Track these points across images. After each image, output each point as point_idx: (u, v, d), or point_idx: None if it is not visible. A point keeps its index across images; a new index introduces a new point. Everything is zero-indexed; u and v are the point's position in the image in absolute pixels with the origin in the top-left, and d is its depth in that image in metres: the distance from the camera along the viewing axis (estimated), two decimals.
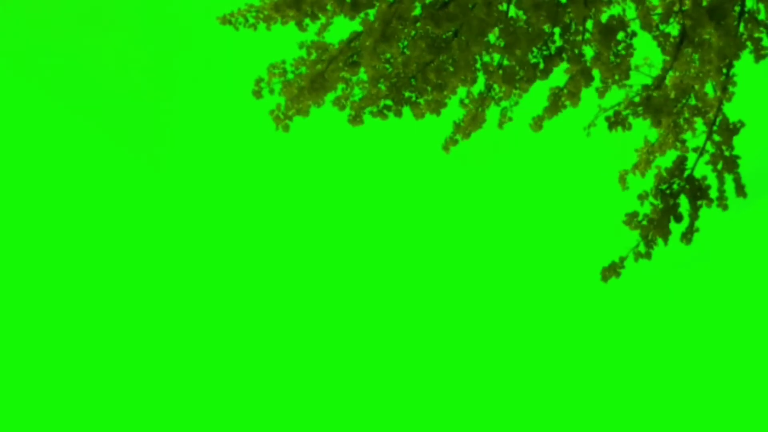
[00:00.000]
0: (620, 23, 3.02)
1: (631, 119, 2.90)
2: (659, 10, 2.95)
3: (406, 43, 2.96)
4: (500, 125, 3.33)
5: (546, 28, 2.96)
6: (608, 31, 2.92)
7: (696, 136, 3.23)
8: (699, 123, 3.16)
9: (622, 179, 3.49)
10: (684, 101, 3.13)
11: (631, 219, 2.49)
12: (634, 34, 3.10)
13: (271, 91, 3.13)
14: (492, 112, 3.31)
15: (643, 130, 3.19)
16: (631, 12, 3.07)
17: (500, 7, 2.85)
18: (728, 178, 2.53)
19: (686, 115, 3.16)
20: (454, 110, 3.19)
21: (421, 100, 2.98)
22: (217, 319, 9.66)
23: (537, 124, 3.40)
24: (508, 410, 8.96)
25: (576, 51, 3.02)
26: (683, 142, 3.26)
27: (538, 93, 3.33)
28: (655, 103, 2.84)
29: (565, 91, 3.24)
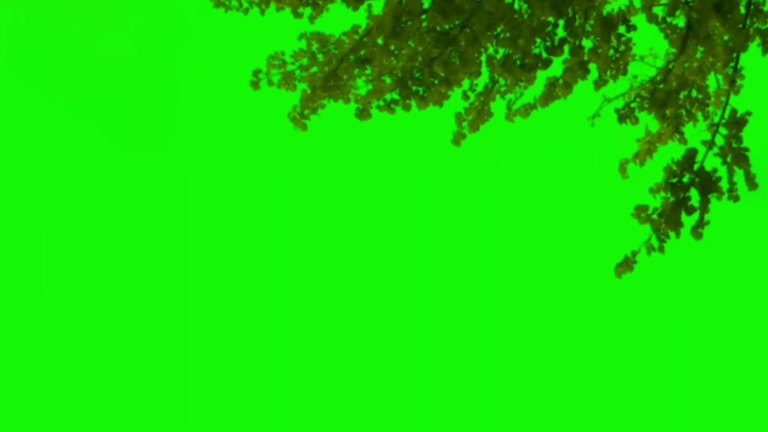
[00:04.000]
0: (621, 17, 3.03)
1: (637, 113, 2.91)
2: (665, 0, 2.97)
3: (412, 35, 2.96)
4: (508, 118, 3.34)
5: (550, 19, 2.97)
6: (609, 24, 2.93)
7: (696, 127, 3.26)
8: (700, 116, 3.18)
9: (623, 168, 3.51)
10: (686, 93, 3.15)
11: (640, 212, 2.50)
12: (634, 27, 3.11)
13: (270, 83, 3.12)
14: (498, 106, 3.32)
15: (649, 120, 3.21)
16: (637, 3, 3.07)
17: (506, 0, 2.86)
18: (738, 170, 2.54)
19: (687, 106, 3.18)
20: (457, 102, 3.20)
21: (427, 93, 2.98)
22: (219, 319, 9.63)
23: (526, 111, 3.43)
24: (512, 408, 8.99)
25: (577, 43, 3.03)
26: (682, 133, 3.28)
27: (539, 84, 3.34)
28: (659, 97, 2.85)
29: (561, 81, 3.25)
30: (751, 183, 2.55)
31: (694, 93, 3.12)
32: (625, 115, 2.89)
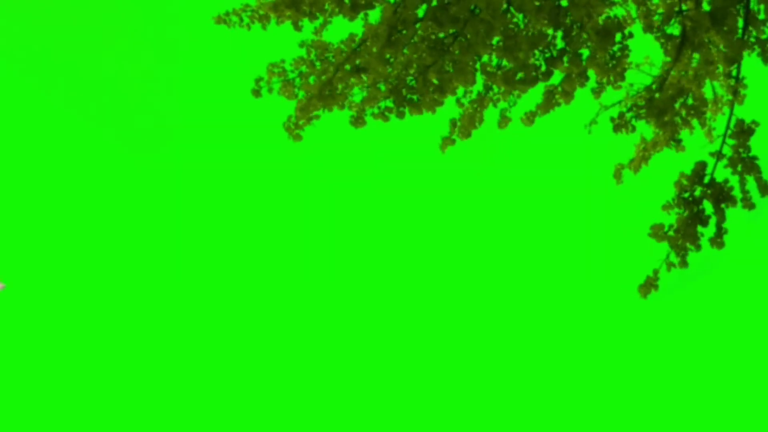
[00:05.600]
0: (617, 25, 3.02)
1: (634, 122, 2.90)
2: (660, 10, 2.97)
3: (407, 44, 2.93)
4: (500, 126, 3.32)
5: (549, 31, 2.95)
6: (605, 33, 2.92)
7: (693, 135, 3.26)
8: (696, 123, 3.19)
9: (618, 173, 3.51)
10: (681, 100, 3.15)
11: (657, 231, 2.49)
12: (630, 35, 3.11)
13: (270, 90, 3.09)
14: (489, 113, 3.30)
15: (646, 128, 3.20)
16: (632, 12, 3.07)
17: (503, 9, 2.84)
18: (749, 178, 2.54)
19: (683, 114, 3.18)
20: (450, 109, 3.18)
21: (421, 100, 2.96)
22: (217, 322, 9.55)
23: (529, 119, 3.41)
24: (507, 412, 8.99)
25: (575, 51, 3.02)
26: (678, 141, 3.28)
27: (535, 91, 3.33)
28: (657, 105, 2.85)
29: (560, 89, 3.24)
30: (764, 189, 2.54)
31: (690, 101, 3.12)
32: (620, 125, 2.89)
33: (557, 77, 3.20)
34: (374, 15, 2.90)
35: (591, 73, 3.13)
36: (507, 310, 9.37)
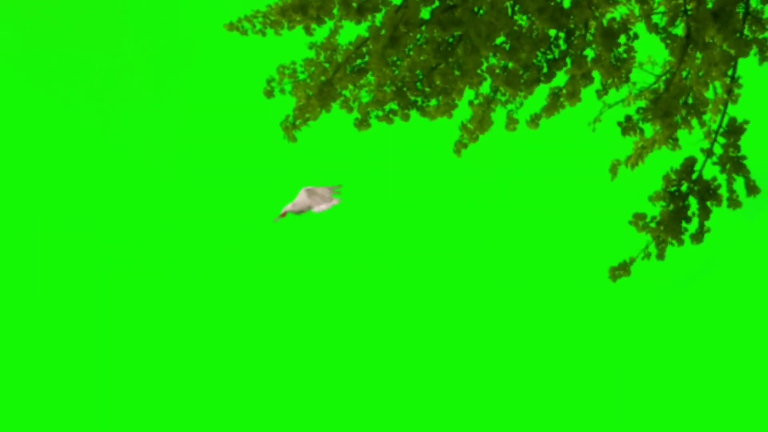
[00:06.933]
0: (622, 26, 3.05)
1: (641, 124, 2.92)
2: (662, 9, 2.99)
3: (411, 46, 2.99)
4: (508, 128, 3.37)
5: (551, 32, 3.00)
6: (610, 34, 2.95)
7: (692, 134, 3.27)
8: (695, 123, 3.20)
9: (614, 169, 3.53)
10: (682, 100, 3.17)
11: (638, 221, 2.52)
12: (636, 36, 3.13)
13: (282, 91, 3.16)
14: (497, 115, 3.34)
15: (646, 126, 3.22)
16: (635, 11, 3.10)
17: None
18: (738, 178, 2.56)
19: (683, 113, 3.20)
20: (463, 112, 3.22)
21: (432, 102, 3.01)
22: (218, 324, 9.67)
23: (534, 122, 3.45)
24: (508, 412, 8.99)
25: (578, 53, 3.05)
26: (676, 140, 3.30)
27: (542, 92, 3.36)
28: (662, 107, 2.87)
29: (564, 91, 3.27)
30: (750, 189, 2.56)
31: (690, 100, 3.13)
32: (628, 128, 2.91)
33: (562, 79, 3.24)
34: (381, 18, 2.96)
35: (596, 74, 3.16)
36: (504, 306, 9.35)
